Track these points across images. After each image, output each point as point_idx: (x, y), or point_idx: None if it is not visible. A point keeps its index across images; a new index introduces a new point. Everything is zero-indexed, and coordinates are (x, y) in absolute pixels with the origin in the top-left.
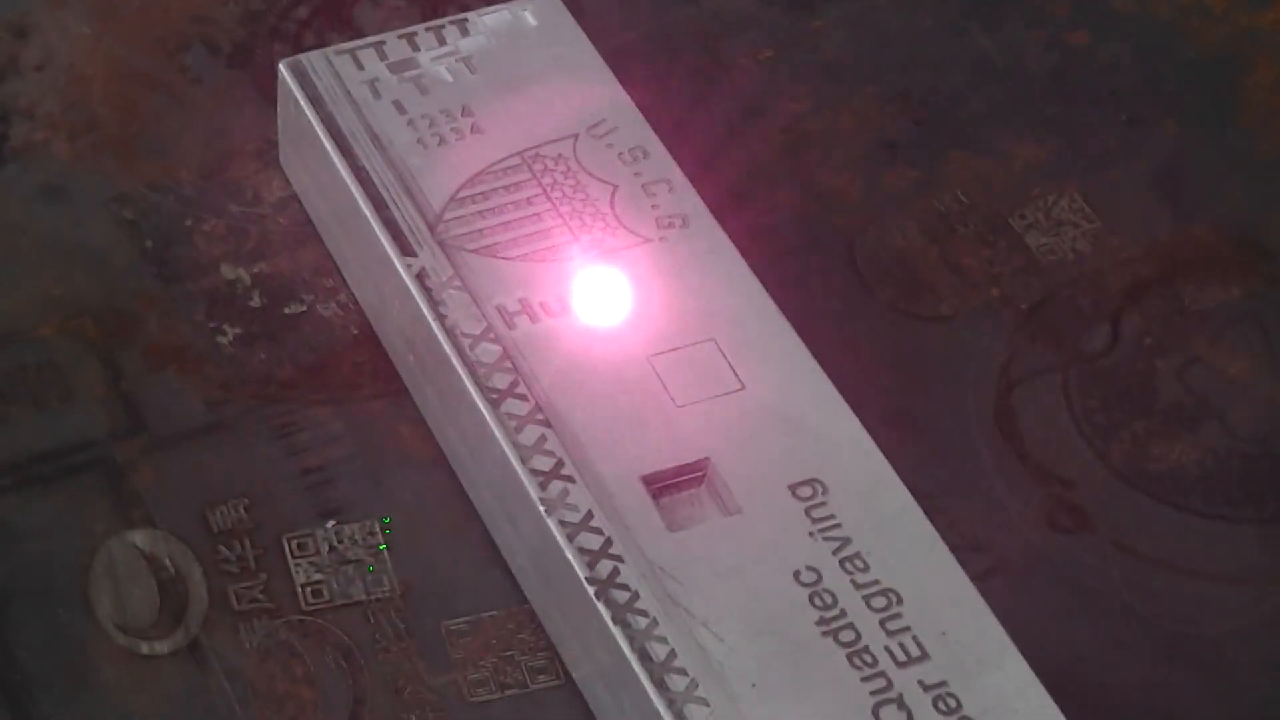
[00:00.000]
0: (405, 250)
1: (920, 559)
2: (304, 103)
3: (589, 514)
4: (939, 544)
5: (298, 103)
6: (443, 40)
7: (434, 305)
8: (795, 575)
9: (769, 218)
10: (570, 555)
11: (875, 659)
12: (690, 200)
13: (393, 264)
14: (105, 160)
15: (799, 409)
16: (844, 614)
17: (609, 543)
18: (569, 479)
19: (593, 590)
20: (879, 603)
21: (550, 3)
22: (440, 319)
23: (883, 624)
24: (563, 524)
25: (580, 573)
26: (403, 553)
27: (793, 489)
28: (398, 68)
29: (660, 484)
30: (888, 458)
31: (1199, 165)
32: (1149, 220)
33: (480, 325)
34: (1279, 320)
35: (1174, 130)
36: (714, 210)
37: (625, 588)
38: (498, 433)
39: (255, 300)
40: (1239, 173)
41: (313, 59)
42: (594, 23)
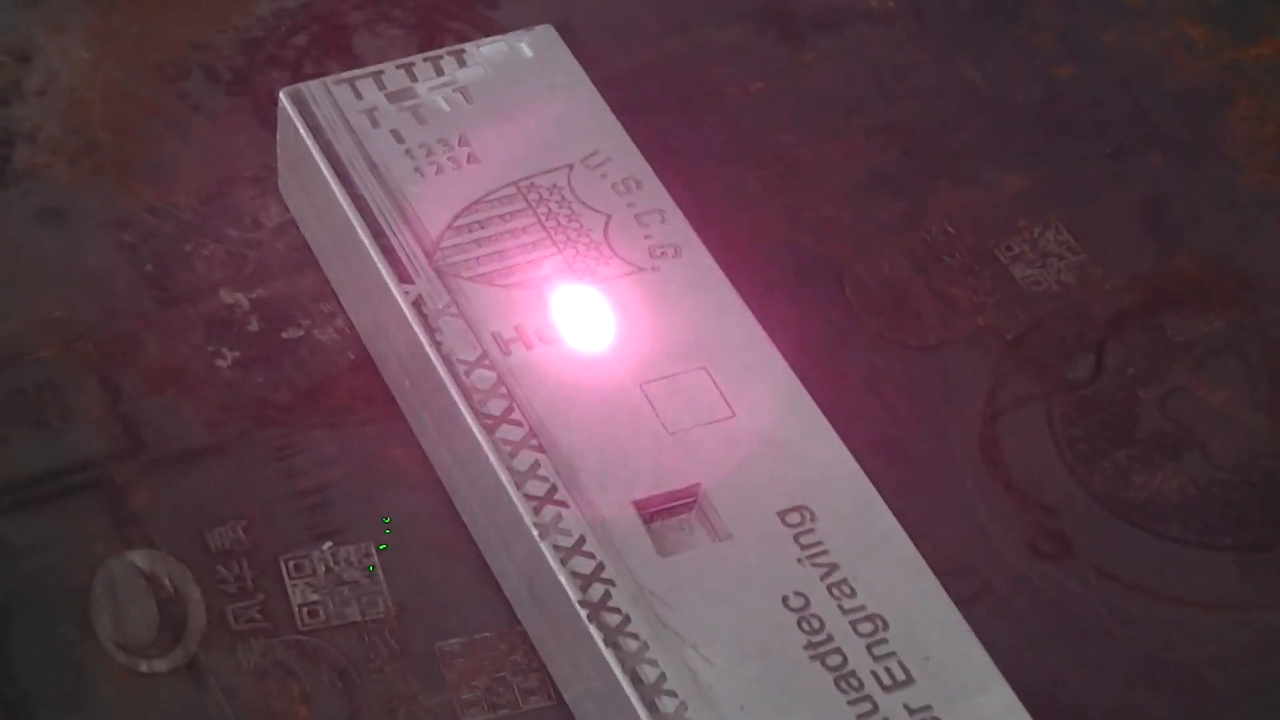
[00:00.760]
0: (403, 277)
1: (906, 585)
2: (303, 131)
3: (581, 538)
4: (924, 569)
5: (297, 131)
6: (440, 71)
7: (430, 332)
8: (784, 600)
9: (760, 248)
10: (563, 579)
11: (862, 683)
12: (682, 230)
13: (390, 291)
14: (106, 184)
15: (788, 436)
16: (831, 638)
17: (601, 567)
18: (562, 504)
19: (585, 613)
20: (865, 628)
21: (546, 34)
22: (437, 345)
23: (869, 649)
24: (556, 548)
25: (573, 596)
26: (397, 574)
27: (781, 515)
28: (396, 97)
29: (652, 509)
30: (875, 484)
31: (1183, 197)
32: (1133, 251)
33: (476, 352)
34: (1260, 351)
35: (1158, 162)
36: (705, 240)
37: (617, 611)
38: (492, 458)
39: (253, 325)
40: (1222, 204)
41: (312, 88)
42: (588, 53)
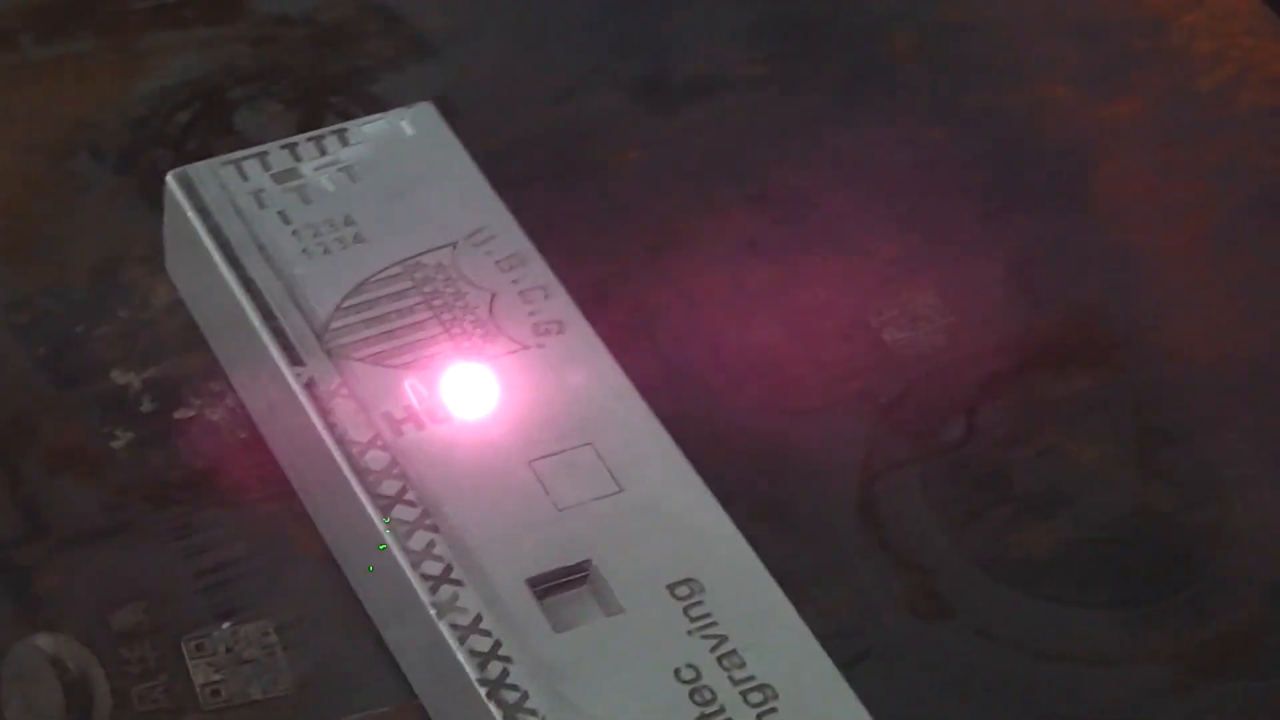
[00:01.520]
0: (293, 360)
1: (792, 653)
2: (191, 213)
3: (479, 616)
4: (809, 638)
5: (184, 213)
6: (324, 150)
7: (323, 414)
8: (676, 673)
9: (639, 318)
10: (462, 657)
11: None
12: (565, 306)
13: (281, 373)
14: None
15: (674, 509)
16: (723, 709)
17: (498, 644)
18: (458, 583)
19: (484, 691)
20: (755, 698)
21: (426, 111)
22: (330, 427)
23: (760, 718)
24: (454, 627)
25: (472, 674)
26: (297, 651)
27: (671, 588)
28: (281, 178)
29: (545, 585)
30: (759, 550)
31: (1052, 257)
32: (1002, 313)
33: (368, 433)
34: (1128, 409)
35: (1028, 222)
36: (587, 312)
37: (515, 688)
38: (387, 538)
39: (146, 405)
40: (1091, 263)
41: (199, 169)
42: (470, 126)
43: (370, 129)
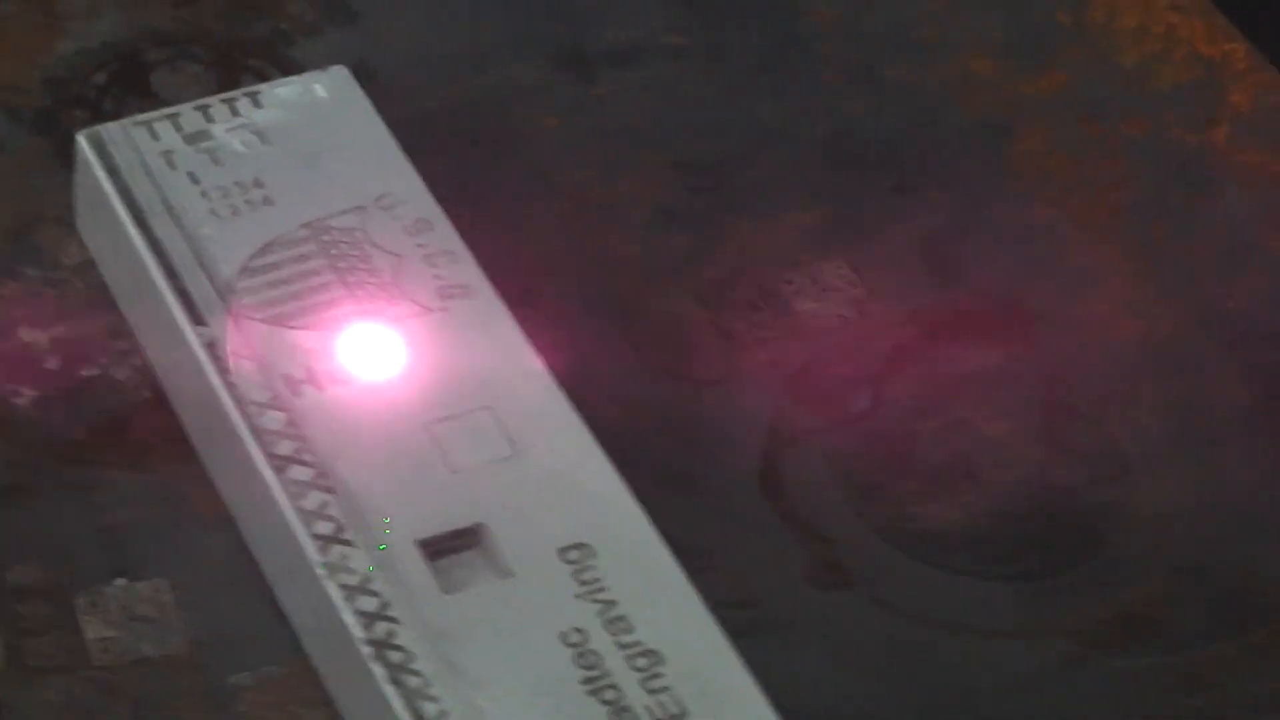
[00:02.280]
0: (197, 320)
1: (681, 620)
2: (101, 173)
3: (367, 577)
4: (699, 605)
5: (94, 173)
6: (236, 112)
7: (223, 374)
8: (563, 637)
9: (550, 285)
10: (347, 617)
11: (637, 717)
12: (471, 271)
13: (184, 333)
14: None
15: (569, 474)
16: (608, 674)
17: (386, 605)
18: (348, 543)
19: (368, 652)
20: (641, 663)
21: (340, 75)
22: (229, 387)
23: (644, 683)
24: (342, 587)
25: (356, 635)
26: (192, 611)
27: (561, 552)
28: (192, 139)
29: (436, 548)
30: (659, 518)
31: (967, 231)
32: (914, 286)
33: (267, 394)
34: (1038, 383)
35: (943, 197)
36: (495, 280)
37: (401, 649)
38: (280, 498)
39: (51, 363)
40: (1006, 238)
41: (110, 130)
42: (387, 92)
43: (283, 92)
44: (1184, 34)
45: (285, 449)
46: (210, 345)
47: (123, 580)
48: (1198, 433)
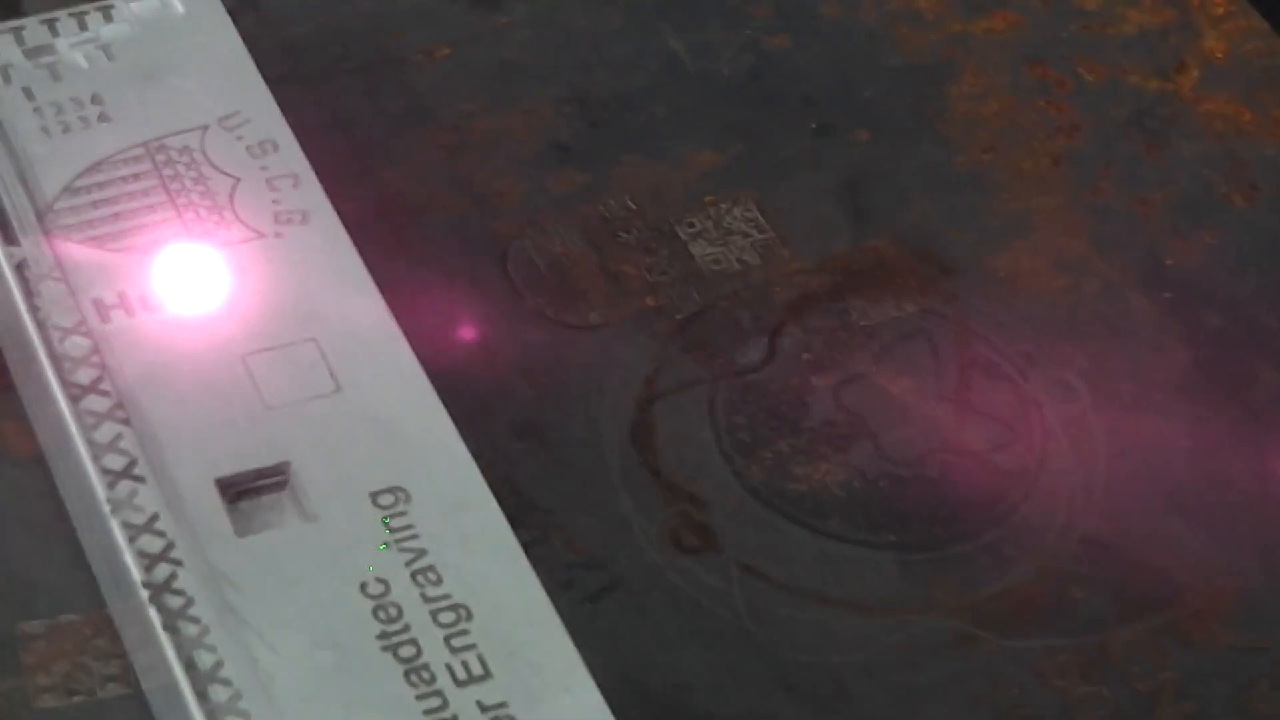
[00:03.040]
0: (9, 240)
1: (500, 575)
2: None
3: (154, 516)
4: (522, 560)
5: None
6: (85, 26)
7: (29, 296)
8: (363, 586)
9: (420, 219)
10: (129, 558)
11: (434, 676)
12: (315, 196)
13: None
14: None
15: (394, 414)
16: (408, 628)
17: (171, 546)
18: (140, 479)
19: (147, 595)
20: (447, 618)
21: None
22: (34, 310)
23: (447, 640)
24: (126, 525)
25: (136, 576)
26: None
27: (374, 496)
28: (34, 53)
29: (238, 488)
30: (511, 470)
31: (887, 177)
32: (826, 232)
33: (73, 318)
34: (951, 339)
35: (865, 139)
36: (352, 210)
37: (180, 594)
38: (73, 428)
39: None
40: (930, 185)
41: None
42: (269, 15)
43: (138, 6)
44: None
45: (84, 377)
46: (19, 266)
47: None
48: (1123, 398)
